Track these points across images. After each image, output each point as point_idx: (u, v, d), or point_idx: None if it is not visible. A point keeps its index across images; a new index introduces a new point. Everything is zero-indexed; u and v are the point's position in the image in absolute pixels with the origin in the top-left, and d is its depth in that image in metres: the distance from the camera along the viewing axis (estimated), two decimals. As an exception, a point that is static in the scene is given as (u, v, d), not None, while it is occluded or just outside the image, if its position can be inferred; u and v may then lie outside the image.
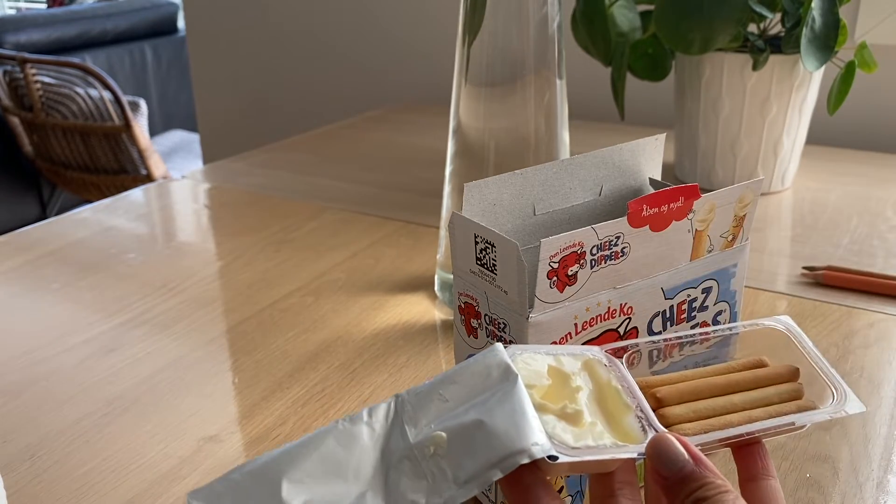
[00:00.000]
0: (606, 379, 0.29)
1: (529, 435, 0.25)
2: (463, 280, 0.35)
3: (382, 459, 0.25)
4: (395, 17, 1.27)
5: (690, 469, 0.25)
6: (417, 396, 0.27)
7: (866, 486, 0.40)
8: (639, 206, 0.32)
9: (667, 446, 0.26)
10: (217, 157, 1.52)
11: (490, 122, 0.53)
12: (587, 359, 0.29)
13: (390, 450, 0.26)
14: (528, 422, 0.25)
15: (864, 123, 0.98)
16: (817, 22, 0.68)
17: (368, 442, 0.26)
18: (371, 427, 0.26)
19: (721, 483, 0.25)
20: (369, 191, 0.83)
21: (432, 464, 0.25)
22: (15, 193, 2.57)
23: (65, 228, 0.76)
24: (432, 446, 0.25)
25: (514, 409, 0.25)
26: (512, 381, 0.26)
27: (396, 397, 0.27)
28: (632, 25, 0.77)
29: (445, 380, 0.27)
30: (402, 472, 0.25)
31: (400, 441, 0.26)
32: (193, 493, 0.25)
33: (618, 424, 0.27)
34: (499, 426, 0.25)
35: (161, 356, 0.53)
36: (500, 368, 0.27)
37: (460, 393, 0.26)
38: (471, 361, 0.27)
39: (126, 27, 2.77)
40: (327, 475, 0.25)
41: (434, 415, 0.26)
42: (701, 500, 0.25)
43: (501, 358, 0.27)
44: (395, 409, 0.27)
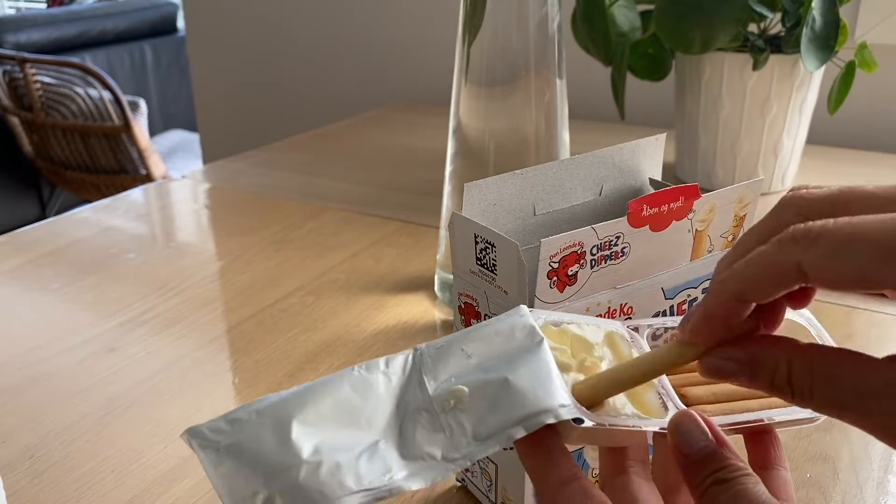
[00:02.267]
0: (628, 354, 0.28)
1: (556, 396, 0.24)
2: (463, 280, 0.35)
3: (397, 410, 0.25)
4: (396, 17, 1.27)
5: (713, 449, 0.25)
6: (438, 350, 0.26)
7: (866, 486, 0.40)
8: (639, 205, 0.32)
9: (691, 423, 0.25)
10: (217, 157, 1.52)
11: (490, 122, 0.53)
12: (609, 331, 0.29)
13: (406, 401, 0.25)
14: (554, 383, 0.24)
15: (864, 123, 0.98)
16: (817, 22, 0.68)
17: (384, 391, 0.25)
18: (387, 376, 0.25)
19: (743, 466, 0.25)
20: (369, 191, 0.83)
21: (451, 417, 0.24)
22: (15, 193, 2.57)
23: (65, 228, 0.76)
24: (452, 400, 0.24)
25: (541, 370, 0.25)
26: (537, 342, 0.26)
27: (415, 350, 0.26)
28: (632, 25, 0.77)
29: (467, 336, 0.26)
30: (419, 424, 0.24)
31: (418, 393, 0.25)
32: (192, 430, 0.24)
33: (638, 399, 0.27)
34: (524, 385, 0.24)
35: (161, 356, 0.53)
36: (525, 330, 0.26)
37: (483, 350, 0.26)
38: (494, 320, 0.27)
39: (126, 27, 2.77)
40: (340, 420, 0.24)
41: (455, 369, 0.25)
42: (722, 480, 0.24)
43: (527, 319, 0.26)
44: (413, 361, 0.26)
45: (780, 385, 0.23)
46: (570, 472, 0.25)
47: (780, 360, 0.23)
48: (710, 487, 0.24)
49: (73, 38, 2.61)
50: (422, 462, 0.24)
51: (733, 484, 0.24)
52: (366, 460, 0.23)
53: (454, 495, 0.40)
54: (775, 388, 0.24)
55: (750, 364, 0.24)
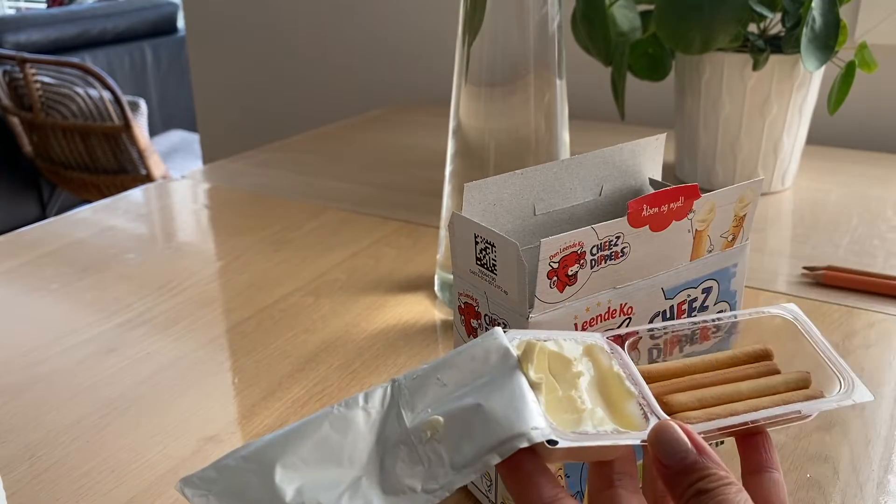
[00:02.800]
0: (608, 365, 0.28)
1: (528, 419, 0.24)
2: (463, 280, 0.35)
3: (378, 444, 0.25)
4: (396, 18, 1.27)
5: (693, 459, 0.25)
6: (415, 381, 0.26)
7: (867, 486, 0.40)
8: (639, 205, 0.32)
9: (669, 434, 0.25)
10: (217, 157, 1.52)
11: (490, 122, 0.53)
12: (589, 344, 0.29)
13: (386, 435, 0.25)
14: (527, 406, 0.25)
15: (864, 123, 0.98)
16: (817, 22, 0.68)
17: (364, 427, 0.25)
18: (367, 412, 0.26)
19: (724, 474, 0.24)
20: (369, 191, 0.83)
21: (429, 448, 0.25)
22: (15, 193, 2.57)
23: (65, 228, 0.76)
24: (429, 431, 0.25)
25: (514, 393, 0.25)
26: (511, 365, 0.26)
27: (393, 381, 0.26)
28: (632, 25, 0.77)
29: (443, 364, 0.27)
30: (398, 457, 0.25)
31: (396, 426, 0.25)
32: (185, 480, 0.24)
33: (619, 411, 0.27)
34: (497, 410, 0.24)
35: (161, 356, 0.53)
36: (500, 352, 0.26)
37: (458, 377, 0.26)
38: (469, 345, 0.27)
39: (126, 27, 2.77)
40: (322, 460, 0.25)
41: (431, 399, 0.26)
42: (703, 491, 0.24)
43: (501, 342, 0.27)
44: (391, 393, 0.26)
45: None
46: (551, 493, 0.25)
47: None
48: (691, 498, 0.24)
49: (73, 38, 2.61)
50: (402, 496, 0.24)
51: (714, 494, 0.24)
52: (347, 499, 0.24)
53: (454, 495, 0.40)
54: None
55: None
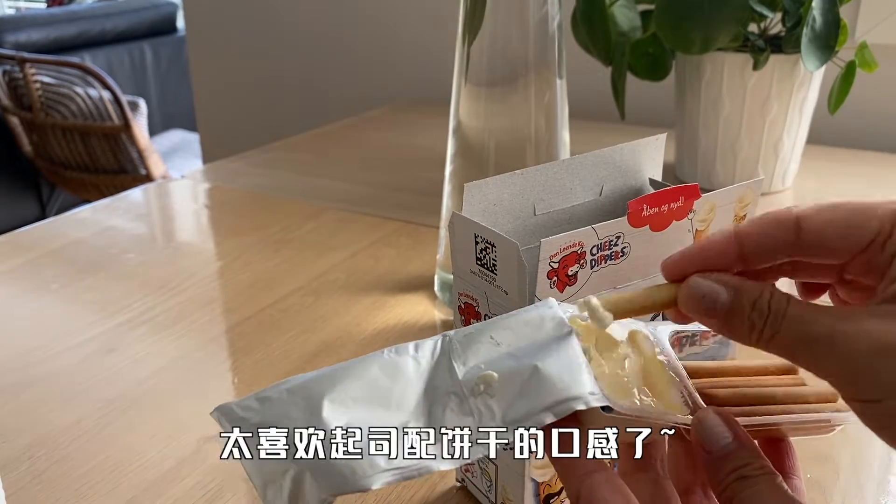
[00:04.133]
0: (652, 352, 0.28)
1: (586, 384, 0.24)
2: (463, 280, 0.35)
3: (426, 393, 0.25)
4: (395, 17, 1.27)
5: (736, 446, 0.25)
6: (466, 337, 0.26)
7: (867, 486, 0.40)
8: (639, 205, 0.32)
9: (714, 421, 0.25)
10: (217, 157, 1.51)
11: (490, 121, 0.53)
12: (633, 330, 0.29)
13: (435, 385, 0.25)
14: (583, 372, 0.25)
15: (864, 123, 0.98)
16: (818, 21, 0.68)
17: (413, 375, 0.25)
18: (417, 361, 0.26)
19: (766, 464, 0.25)
20: (369, 191, 0.83)
21: (480, 402, 0.24)
22: (14, 193, 2.57)
23: (65, 228, 0.76)
24: (482, 384, 0.25)
25: (570, 360, 0.25)
26: (566, 334, 0.26)
27: (444, 336, 0.26)
28: (632, 25, 0.77)
29: (496, 324, 0.27)
30: (448, 407, 0.24)
31: (447, 377, 0.25)
32: (222, 408, 0.24)
33: (662, 396, 0.27)
34: (554, 373, 0.24)
35: (161, 356, 0.53)
36: (554, 321, 0.26)
37: (512, 338, 0.26)
38: (523, 311, 0.27)
39: (126, 27, 2.77)
40: (370, 400, 0.24)
41: (484, 356, 0.26)
42: (745, 477, 0.24)
43: (556, 312, 0.27)
44: (441, 346, 0.26)
45: (760, 308, 0.24)
46: (595, 461, 0.25)
47: (764, 288, 0.24)
48: (731, 484, 0.24)
49: (73, 38, 2.61)
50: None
51: (756, 481, 0.24)
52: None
53: (454, 495, 0.40)
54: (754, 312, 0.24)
55: (736, 289, 0.25)
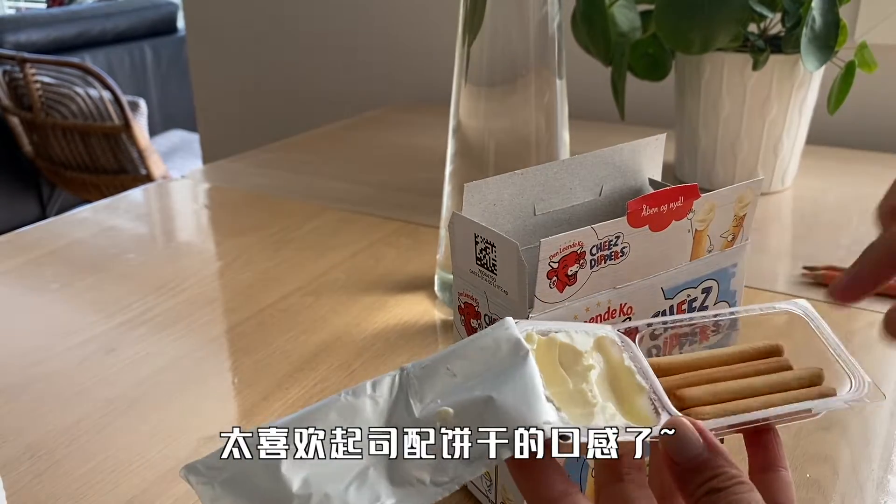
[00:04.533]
0: (619, 359, 0.28)
1: (541, 412, 0.24)
2: (463, 280, 0.35)
3: None
4: (395, 17, 1.27)
5: (705, 457, 0.24)
6: (423, 370, 0.26)
7: (866, 486, 0.40)
8: (638, 205, 0.32)
9: (682, 431, 0.25)
10: (217, 157, 1.51)
11: (490, 122, 0.53)
12: (600, 336, 0.28)
13: (394, 424, 0.25)
14: (539, 399, 0.24)
15: (864, 123, 0.98)
16: (817, 22, 0.68)
17: (372, 416, 0.25)
18: (374, 400, 0.25)
19: (736, 473, 0.24)
20: (369, 191, 0.83)
21: None
22: (15, 193, 2.57)
23: (65, 228, 0.76)
24: (439, 422, 0.24)
25: (525, 386, 0.24)
26: (522, 356, 0.25)
27: (402, 370, 0.26)
28: (632, 25, 0.77)
29: (453, 354, 0.26)
30: None
31: (405, 416, 0.25)
32: (189, 467, 0.24)
33: (630, 406, 0.26)
34: (509, 403, 0.24)
35: (161, 356, 0.53)
36: (510, 343, 0.26)
37: (468, 367, 0.25)
38: (479, 335, 0.26)
39: (126, 27, 2.77)
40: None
41: (441, 389, 0.25)
42: (715, 489, 0.24)
43: (512, 332, 0.26)
44: (399, 382, 0.25)
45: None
46: (561, 487, 0.24)
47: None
48: (703, 497, 0.24)
49: (73, 38, 2.61)
50: (410, 488, 0.23)
51: (727, 493, 0.23)
52: (355, 490, 0.23)
53: (454, 495, 0.40)
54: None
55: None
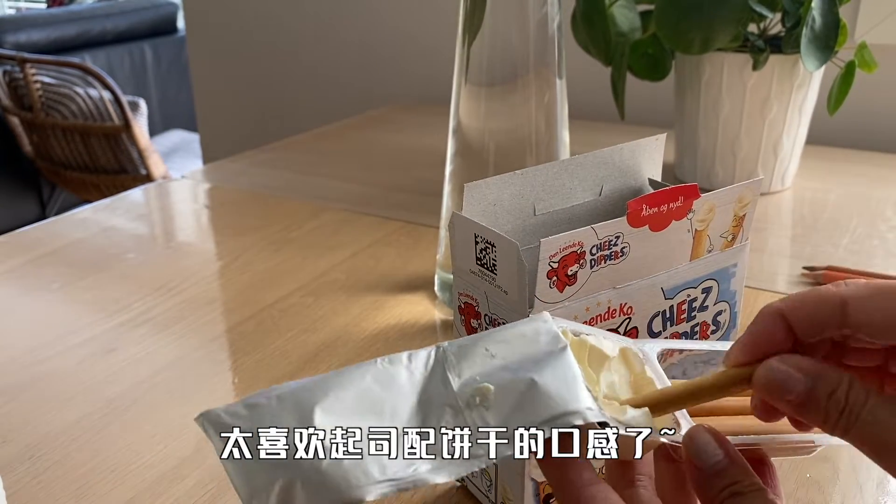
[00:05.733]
0: (641, 369, 0.29)
1: (583, 399, 0.24)
2: (463, 280, 0.35)
3: (420, 404, 0.24)
4: (395, 17, 1.27)
5: (728, 463, 0.25)
6: (461, 349, 0.26)
7: (866, 486, 0.40)
8: (638, 205, 0.32)
9: (705, 438, 0.26)
10: (217, 157, 1.52)
11: (490, 122, 0.53)
12: (624, 347, 0.29)
13: (429, 396, 0.25)
14: (580, 387, 0.25)
15: (864, 123, 0.98)
16: (817, 22, 0.68)
17: (407, 385, 0.25)
18: (410, 371, 0.25)
19: (757, 481, 0.25)
20: (369, 191, 0.83)
21: (476, 414, 0.24)
22: (15, 193, 2.57)
23: (65, 228, 0.76)
24: (478, 397, 0.24)
25: (566, 374, 0.25)
26: (561, 348, 0.26)
27: (438, 347, 0.26)
28: (632, 25, 0.77)
29: (491, 336, 0.26)
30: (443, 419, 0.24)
31: (442, 388, 0.25)
32: (207, 414, 0.23)
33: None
34: (551, 387, 0.24)
35: (161, 356, 0.53)
36: (549, 335, 0.26)
37: (507, 351, 0.26)
38: (517, 323, 0.27)
39: (126, 27, 2.77)
40: (363, 410, 0.24)
41: (479, 368, 0.25)
42: (737, 494, 0.24)
43: (550, 326, 0.27)
44: (435, 357, 0.26)
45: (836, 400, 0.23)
46: (591, 475, 0.25)
47: (843, 379, 0.24)
48: (725, 500, 0.24)
49: (73, 38, 2.61)
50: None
51: (749, 498, 0.24)
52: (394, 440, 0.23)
53: (454, 495, 0.40)
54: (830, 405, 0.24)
55: (814, 376, 0.24)
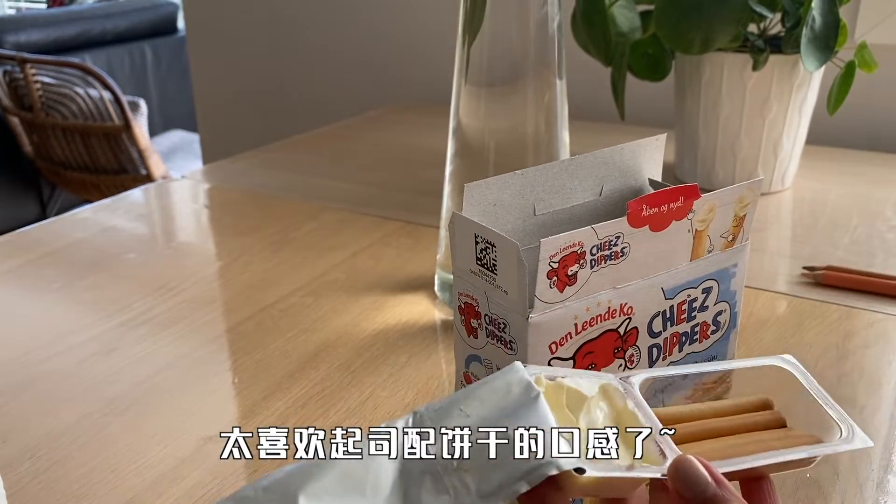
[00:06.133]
0: (623, 404, 0.29)
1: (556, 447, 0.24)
2: (463, 280, 0.35)
3: (401, 476, 0.25)
4: (395, 17, 1.27)
5: (713, 491, 0.25)
6: (436, 412, 0.26)
7: (866, 486, 0.40)
8: (639, 205, 0.32)
9: (690, 467, 0.26)
10: (217, 157, 1.51)
11: (490, 122, 0.53)
12: (604, 383, 0.29)
13: (409, 465, 0.25)
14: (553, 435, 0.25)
15: (864, 123, 0.98)
16: (817, 22, 0.68)
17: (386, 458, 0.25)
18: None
19: None
20: (369, 191, 0.83)
21: (455, 478, 0.25)
22: (15, 193, 2.57)
23: (65, 228, 0.76)
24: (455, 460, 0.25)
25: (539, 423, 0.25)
26: (534, 397, 0.26)
27: (414, 413, 0.26)
28: (632, 25, 0.77)
29: (465, 395, 0.27)
30: (423, 488, 0.25)
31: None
32: None
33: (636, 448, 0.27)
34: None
35: (161, 356, 0.53)
36: (521, 385, 0.27)
37: (481, 408, 0.26)
38: (490, 378, 0.27)
39: (126, 27, 2.77)
40: (345, 491, 0.24)
41: None
42: None
43: (522, 375, 0.27)
44: (413, 424, 0.26)
45: None
46: None
47: None
48: None
49: (73, 38, 2.61)
50: None
51: None
52: None
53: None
54: None
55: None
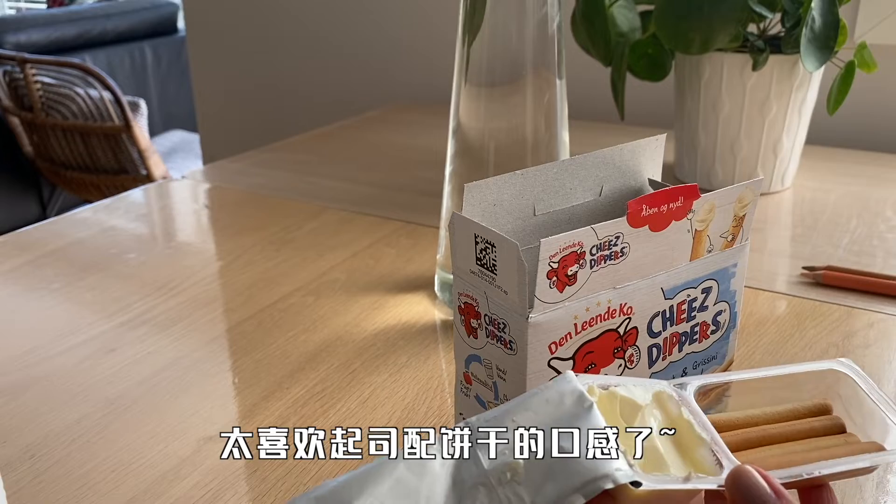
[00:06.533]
0: (677, 412, 0.29)
1: (611, 460, 0.24)
2: (463, 280, 0.35)
3: (455, 487, 0.25)
4: (395, 17, 1.27)
5: (773, 501, 0.25)
6: (488, 422, 0.26)
7: (866, 486, 0.40)
8: (638, 205, 0.32)
9: (748, 478, 0.25)
10: (217, 157, 1.52)
11: (490, 122, 0.53)
12: (657, 391, 0.29)
13: (462, 477, 0.25)
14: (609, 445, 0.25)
15: (864, 123, 0.98)
16: (817, 22, 0.68)
17: (439, 469, 0.25)
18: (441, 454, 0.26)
19: None
20: (369, 191, 0.83)
21: (509, 490, 0.24)
22: (15, 193, 2.57)
23: (65, 228, 0.76)
24: (509, 472, 0.25)
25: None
26: (587, 407, 0.26)
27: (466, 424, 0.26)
28: (632, 25, 0.77)
29: (516, 406, 0.26)
30: (477, 500, 0.24)
31: (473, 468, 0.25)
32: None
33: (691, 457, 0.27)
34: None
35: (161, 356, 0.53)
36: (574, 395, 0.26)
37: (533, 419, 0.26)
38: (542, 388, 0.27)
39: (126, 27, 2.77)
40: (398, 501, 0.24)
41: None
42: None
43: (574, 385, 0.27)
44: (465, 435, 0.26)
45: None
46: None
47: None
48: None
49: (73, 38, 2.61)
50: None
51: None
52: None
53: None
54: None
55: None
